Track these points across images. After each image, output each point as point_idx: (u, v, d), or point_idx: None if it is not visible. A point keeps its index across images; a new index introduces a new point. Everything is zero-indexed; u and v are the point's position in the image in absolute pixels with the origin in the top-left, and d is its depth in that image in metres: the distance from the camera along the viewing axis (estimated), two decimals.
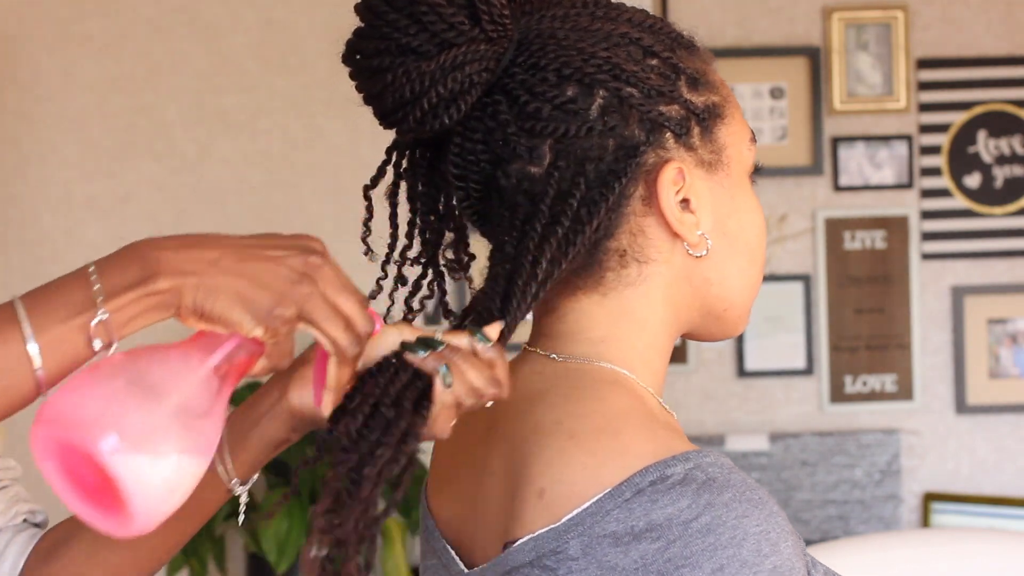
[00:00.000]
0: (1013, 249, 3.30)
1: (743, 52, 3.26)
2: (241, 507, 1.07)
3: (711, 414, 3.30)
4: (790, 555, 0.91)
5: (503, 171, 1.02)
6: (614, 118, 1.01)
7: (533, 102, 1.01)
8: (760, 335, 3.28)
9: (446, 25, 0.99)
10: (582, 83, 1.01)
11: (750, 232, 1.07)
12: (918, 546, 1.96)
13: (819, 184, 3.29)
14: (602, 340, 1.03)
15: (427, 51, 1.00)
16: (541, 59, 1.01)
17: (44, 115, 3.22)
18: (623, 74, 1.01)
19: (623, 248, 1.03)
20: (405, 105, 1.01)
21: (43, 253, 3.20)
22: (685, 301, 1.06)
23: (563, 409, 0.98)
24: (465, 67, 1.00)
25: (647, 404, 1.01)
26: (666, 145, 1.02)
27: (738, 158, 1.07)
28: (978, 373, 3.30)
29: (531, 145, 1.01)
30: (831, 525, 3.22)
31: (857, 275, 3.29)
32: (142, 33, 3.24)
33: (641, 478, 0.91)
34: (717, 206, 1.05)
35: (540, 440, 0.97)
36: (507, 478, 0.99)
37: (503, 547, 0.97)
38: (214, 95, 3.24)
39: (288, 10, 3.25)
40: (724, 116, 1.06)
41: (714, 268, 1.05)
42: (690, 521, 0.90)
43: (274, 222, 3.22)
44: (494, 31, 1.00)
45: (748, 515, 0.90)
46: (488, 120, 1.02)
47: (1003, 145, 3.30)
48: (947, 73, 3.29)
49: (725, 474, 0.92)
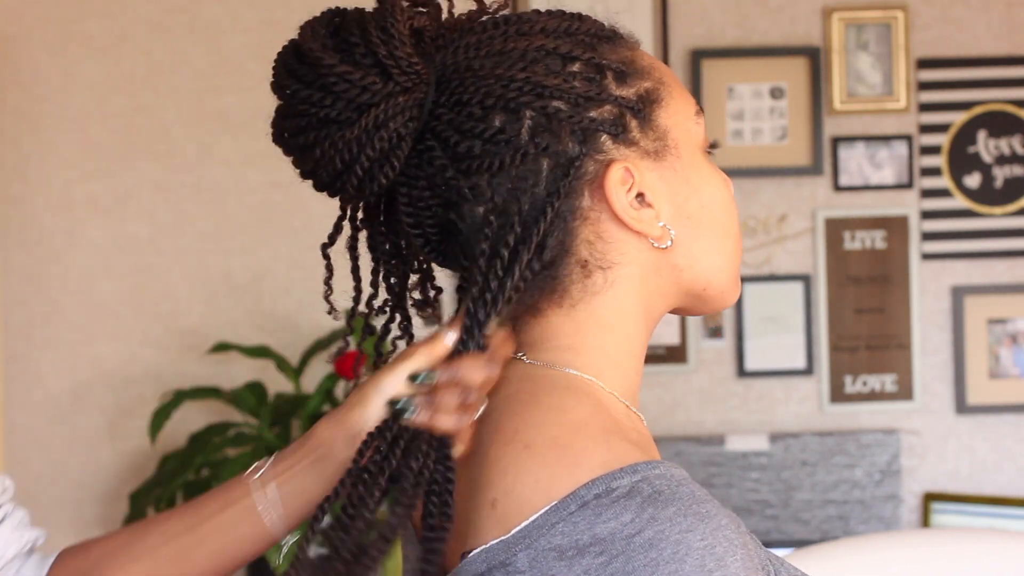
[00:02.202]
0: (1013, 249, 3.30)
1: (743, 52, 3.26)
2: (283, 551, 1.15)
3: (711, 414, 3.30)
4: (738, 569, 0.90)
5: (456, 214, 1.02)
6: (545, 137, 0.99)
7: (463, 141, 1.00)
8: (760, 335, 3.28)
9: (358, 89, 0.99)
10: (507, 109, 0.99)
11: (714, 207, 1.05)
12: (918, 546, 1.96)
13: (819, 184, 3.29)
14: (569, 348, 1.03)
15: (347, 118, 1.00)
16: (463, 94, 1.00)
17: (44, 115, 3.22)
18: (545, 90, 1.00)
19: (583, 259, 1.02)
20: (340, 176, 1.02)
21: (43, 253, 3.20)
22: (658, 293, 1.05)
23: (522, 417, 0.98)
24: (388, 124, 0.99)
25: (610, 412, 1.00)
26: (603, 148, 1.01)
27: (685, 137, 1.05)
28: (978, 373, 3.30)
29: (471, 184, 1.00)
30: (831, 525, 3.22)
31: (857, 275, 3.29)
32: (142, 33, 3.24)
33: (587, 491, 0.91)
34: (673, 192, 1.03)
35: (498, 448, 0.97)
36: (469, 485, 0.99)
37: (460, 557, 0.96)
38: (214, 95, 3.24)
39: (288, 10, 3.25)
40: (661, 99, 1.04)
41: (682, 254, 1.04)
42: (633, 536, 0.89)
43: (274, 222, 3.22)
44: (407, 81, 1.00)
45: (692, 529, 0.89)
46: (426, 167, 1.02)
47: (1003, 145, 3.30)
48: (947, 73, 3.29)
49: (672, 487, 0.91)
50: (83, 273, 3.21)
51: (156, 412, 2.97)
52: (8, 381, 3.16)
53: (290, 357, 3.06)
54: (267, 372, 3.09)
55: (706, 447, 3.20)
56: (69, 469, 3.21)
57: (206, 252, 3.23)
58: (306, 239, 3.22)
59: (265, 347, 3.05)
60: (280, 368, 3.03)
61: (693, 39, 3.26)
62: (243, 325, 3.21)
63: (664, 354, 3.26)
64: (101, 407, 3.21)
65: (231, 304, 3.23)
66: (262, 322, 3.22)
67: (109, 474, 3.22)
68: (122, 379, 3.22)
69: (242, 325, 3.21)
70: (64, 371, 3.21)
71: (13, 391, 3.17)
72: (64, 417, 3.21)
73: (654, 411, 3.26)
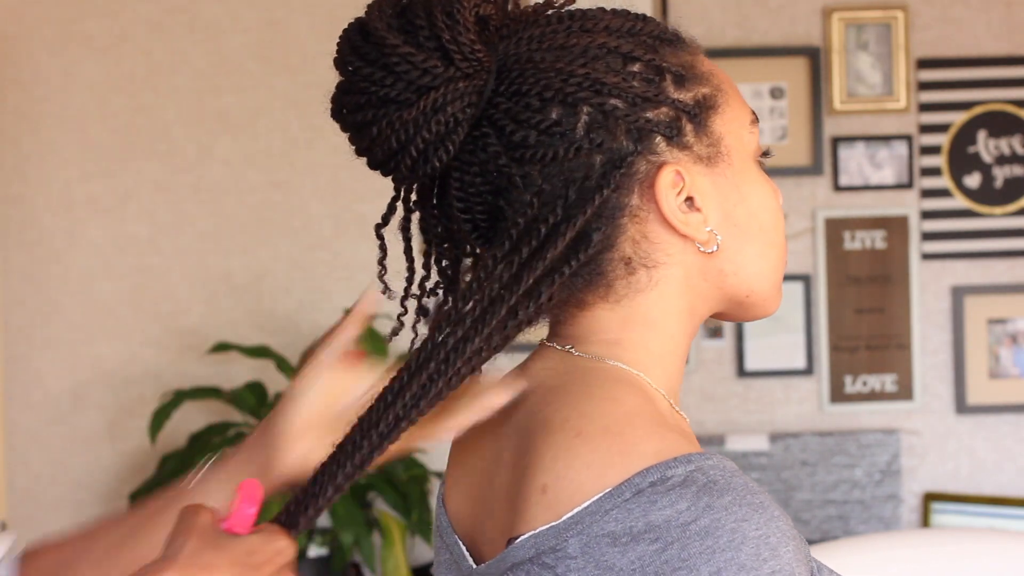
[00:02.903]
0: (1013, 249, 3.30)
1: (743, 52, 3.26)
2: None
3: (711, 414, 3.30)
4: (790, 560, 0.91)
5: (506, 200, 1.02)
6: (600, 134, 1.01)
7: (519, 131, 1.01)
8: (760, 335, 3.28)
9: (420, 71, 1.00)
10: (565, 103, 1.01)
11: (763, 216, 1.06)
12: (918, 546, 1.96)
13: (819, 184, 3.29)
14: (616, 342, 1.04)
15: (406, 99, 1.01)
16: (522, 85, 1.01)
17: (44, 115, 3.22)
18: (604, 87, 1.01)
19: (627, 256, 1.03)
20: (395, 155, 1.02)
21: (43, 253, 3.20)
22: (702, 296, 1.06)
23: (572, 407, 0.98)
24: (447, 108, 1.00)
25: (657, 406, 1.01)
26: (656, 150, 1.02)
27: (738, 145, 1.06)
28: (978, 373, 3.30)
29: (523, 173, 1.01)
30: (831, 525, 3.22)
31: (857, 275, 3.29)
32: (142, 33, 3.24)
33: (641, 479, 0.91)
34: (723, 198, 1.04)
35: (548, 437, 0.97)
36: (516, 473, 1.00)
37: (507, 543, 0.97)
38: (214, 95, 3.24)
39: (288, 10, 3.25)
40: (717, 106, 1.05)
41: (728, 260, 1.05)
42: (688, 523, 0.89)
43: (274, 222, 3.22)
44: (469, 67, 1.01)
45: (748, 519, 0.90)
46: (480, 153, 1.03)
47: (1003, 145, 3.30)
48: (947, 73, 3.29)
49: (726, 477, 0.92)
50: (83, 273, 3.21)
51: (156, 412, 2.98)
52: (8, 381, 3.16)
53: (290, 357, 3.06)
54: (267, 372, 3.09)
55: (706, 447, 3.19)
56: (69, 469, 3.21)
57: (206, 252, 3.23)
58: (306, 239, 3.22)
59: (265, 347, 3.05)
60: (280, 368, 3.03)
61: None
62: (243, 325, 3.21)
63: None
64: (101, 407, 3.22)
65: (231, 304, 3.23)
66: (262, 322, 3.22)
67: (109, 474, 3.22)
68: (122, 379, 3.22)
69: (242, 325, 3.21)
70: (64, 371, 3.21)
71: (13, 391, 3.17)
72: (64, 417, 3.21)
73: None
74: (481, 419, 1.02)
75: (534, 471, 0.96)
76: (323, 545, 2.95)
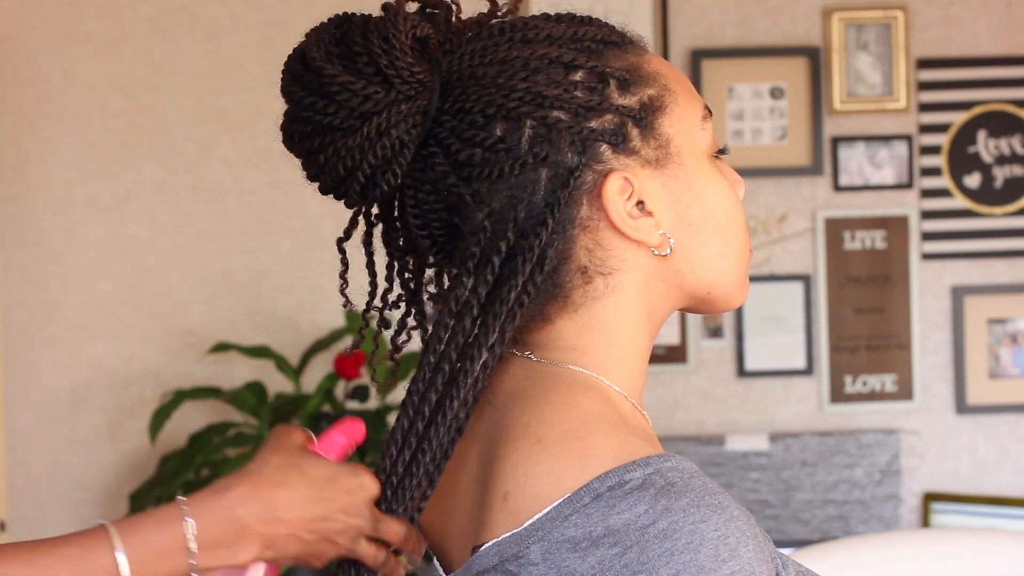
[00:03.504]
0: (1013, 249, 3.30)
1: (743, 52, 3.26)
2: None
3: (711, 414, 3.30)
4: (750, 560, 0.91)
5: (460, 217, 1.03)
6: (544, 147, 1.00)
7: (464, 149, 1.01)
8: (760, 335, 3.28)
9: (360, 99, 1.01)
10: (508, 119, 1.00)
11: (718, 213, 1.06)
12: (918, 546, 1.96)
13: (819, 184, 3.29)
14: (574, 347, 1.04)
15: (350, 126, 1.01)
16: (465, 102, 1.01)
17: (44, 115, 3.22)
18: (546, 100, 1.00)
19: (583, 265, 1.03)
20: (343, 181, 1.03)
21: (43, 253, 3.20)
22: (661, 297, 1.06)
23: (532, 413, 0.99)
24: (391, 131, 1.01)
25: (618, 408, 1.01)
26: (602, 158, 1.02)
27: (688, 144, 1.05)
28: (978, 373, 3.30)
29: (472, 191, 1.01)
30: (831, 525, 3.22)
31: (857, 275, 3.29)
32: (142, 33, 3.24)
33: (600, 483, 0.92)
34: (674, 199, 1.04)
35: (508, 444, 0.98)
36: (479, 481, 1.00)
37: (471, 551, 0.97)
38: (214, 95, 3.24)
39: (288, 10, 3.25)
40: (664, 106, 1.04)
41: (684, 259, 1.05)
42: (647, 527, 0.90)
43: (274, 222, 3.22)
44: (410, 89, 1.01)
45: (706, 520, 0.90)
46: (429, 172, 1.03)
47: (1003, 145, 3.30)
48: (947, 73, 3.29)
49: (684, 479, 0.92)
50: (83, 273, 3.21)
51: (156, 412, 2.97)
52: (8, 381, 3.16)
53: (290, 357, 3.06)
54: (267, 372, 3.09)
55: (706, 447, 3.20)
56: (69, 469, 3.21)
57: (206, 252, 3.23)
58: (306, 239, 3.22)
59: (265, 347, 3.05)
60: (280, 368, 3.03)
61: (693, 39, 3.26)
62: (243, 325, 3.21)
63: (664, 354, 3.26)
64: (101, 407, 3.21)
65: (231, 304, 3.23)
66: (262, 322, 3.22)
67: (109, 474, 3.22)
68: (122, 379, 3.22)
69: (242, 325, 3.21)
70: (64, 371, 3.21)
71: (13, 391, 3.17)
72: (64, 417, 3.21)
73: (654, 411, 3.26)
74: None
75: (496, 479, 0.97)
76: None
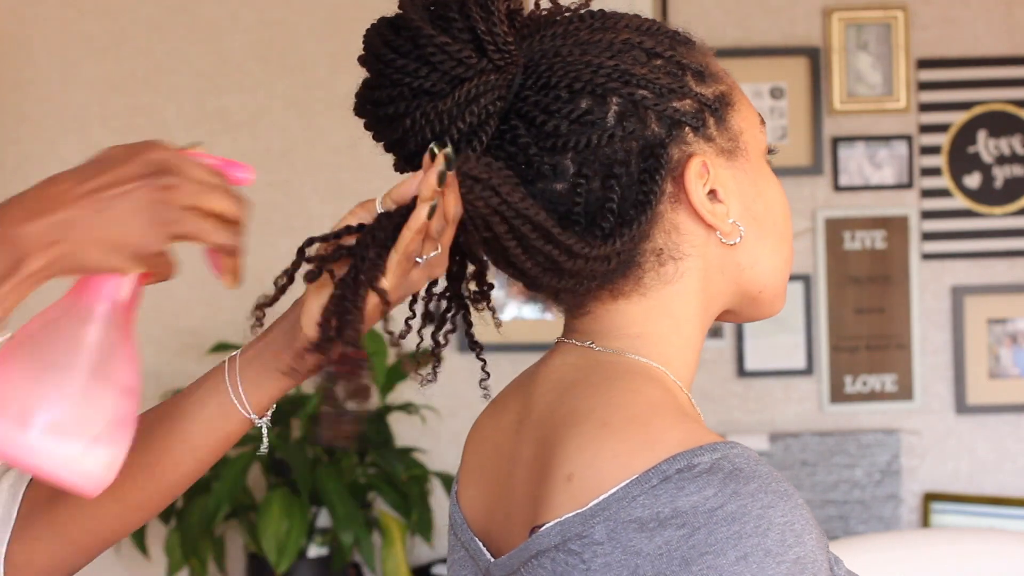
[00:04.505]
0: (1013, 249, 3.31)
1: (743, 52, 3.26)
2: (264, 440, 1.16)
3: (711, 414, 3.30)
4: (814, 547, 0.91)
5: (529, 192, 1.03)
6: (632, 122, 1.02)
7: (550, 120, 1.02)
8: (760, 335, 3.29)
9: (455, 62, 1.01)
10: (594, 94, 1.02)
11: (776, 211, 1.10)
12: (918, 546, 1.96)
13: (819, 184, 3.29)
14: (638, 336, 1.05)
15: (441, 90, 1.01)
16: (551, 78, 1.02)
17: (44, 115, 3.22)
18: (633, 78, 1.02)
19: (659, 247, 1.04)
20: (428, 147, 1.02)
21: None
22: (718, 290, 1.08)
23: (596, 398, 1.00)
24: (480, 99, 1.01)
25: (677, 398, 1.03)
26: (687, 140, 1.04)
27: (753, 142, 1.09)
28: (978, 373, 3.30)
29: (554, 162, 1.02)
30: (831, 525, 3.22)
31: (857, 275, 3.29)
32: (142, 33, 3.24)
33: (668, 466, 0.92)
34: (742, 192, 1.07)
35: (572, 428, 0.98)
36: (537, 465, 1.00)
37: (530, 532, 0.98)
38: (214, 95, 3.24)
39: (288, 10, 3.25)
40: (734, 103, 1.08)
41: (745, 253, 1.07)
42: (715, 509, 0.90)
43: (274, 222, 3.22)
44: (501, 59, 1.02)
45: (773, 505, 0.91)
46: (508, 146, 1.03)
47: (1003, 145, 3.30)
48: (947, 73, 3.29)
49: (752, 465, 0.93)
50: None
51: None
52: None
53: None
54: None
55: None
56: None
57: None
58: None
59: None
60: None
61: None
62: (243, 325, 3.19)
63: None
64: None
65: (231, 304, 3.23)
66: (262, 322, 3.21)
67: None
68: None
69: (242, 325, 3.20)
70: None
71: None
72: None
73: None
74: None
75: (559, 461, 0.97)
76: (323, 545, 2.95)
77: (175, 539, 2.92)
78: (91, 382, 0.92)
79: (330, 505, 2.83)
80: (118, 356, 0.94)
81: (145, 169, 0.93)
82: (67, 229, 0.91)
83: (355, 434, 1.02)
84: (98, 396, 0.92)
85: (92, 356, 0.93)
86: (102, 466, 0.93)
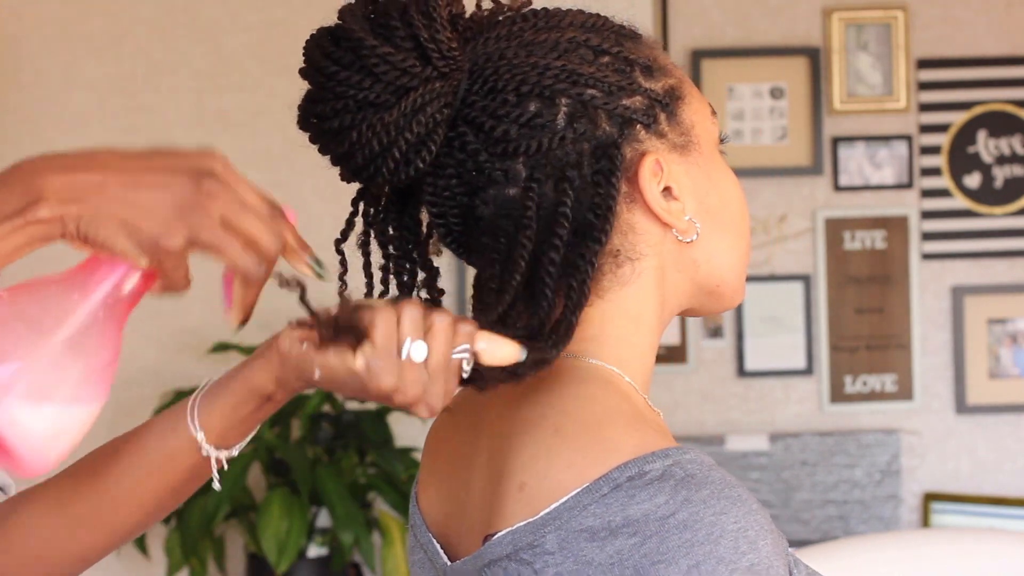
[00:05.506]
0: (1013, 249, 3.31)
1: (743, 52, 3.26)
2: (214, 473, 1.05)
3: (711, 414, 3.30)
4: (768, 553, 0.91)
5: (480, 199, 1.01)
6: (582, 123, 1.00)
7: (499, 125, 1.00)
8: (760, 335, 3.28)
9: (399, 72, 0.99)
10: (543, 96, 1.00)
11: (732, 205, 1.07)
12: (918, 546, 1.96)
13: (819, 184, 3.29)
14: (594, 338, 1.03)
15: (386, 101, 0.99)
16: (497, 82, 1.00)
17: (44, 115, 3.22)
18: (580, 78, 1.00)
19: (616, 249, 1.02)
20: (376, 159, 1.01)
21: (42, 252, 3.19)
22: (676, 288, 1.06)
23: (549, 405, 0.98)
24: (427, 108, 0.99)
25: (634, 402, 1.01)
26: (639, 138, 1.02)
27: (706, 134, 1.06)
28: (978, 373, 3.30)
29: (505, 168, 1.00)
30: (831, 525, 3.22)
31: (857, 275, 3.29)
32: (142, 33, 3.24)
33: (619, 473, 0.91)
34: (696, 187, 1.04)
35: (525, 435, 0.97)
36: (491, 472, 1.00)
37: (483, 540, 0.97)
38: (214, 95, 3.24)
39: (288, 10, 3.25)
40: (684, 96, 1.05)
41: (701, 249, 1.05)
42: (667, 517, 0.89)
43: None
44: (446, 66, 1.00)
45: (726, 512, 0.90)
46: (457, 153, 1.01)
47: (1003, 145, 3.30)
48: (947, 73, 3.29)
49: (704, 471, 0.92)
50: None
51: (156, 412, 2.97)
52: None
53: None
54: None
55: (706, 447, 3.20)
56: None
57: None
58: (306, 239, 3.22)
59: None
60: None
61: (693, 39, 3.26)
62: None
63: (664, 354, 3.26)
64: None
65: None
66: (262, 322, 3.21)
67: None
68: (122, 379, 3.19)
69: None
70: None
71: None
72: None
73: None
74: None
75: (512, 469, 0.96)
76: (323, 545, 2.95)
77: (175, 539, 2.92)
78: (64, 350, 0.90)
79: (330, 505, 2.83)
80: (98, 337, 0.91)
81: (193, 170, 0.91)
82: (90, 193, 0.88)
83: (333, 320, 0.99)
84: (66, 366, 0.89)
85: (73, 328, 0.91)
86: (48, 431, 0.89)
